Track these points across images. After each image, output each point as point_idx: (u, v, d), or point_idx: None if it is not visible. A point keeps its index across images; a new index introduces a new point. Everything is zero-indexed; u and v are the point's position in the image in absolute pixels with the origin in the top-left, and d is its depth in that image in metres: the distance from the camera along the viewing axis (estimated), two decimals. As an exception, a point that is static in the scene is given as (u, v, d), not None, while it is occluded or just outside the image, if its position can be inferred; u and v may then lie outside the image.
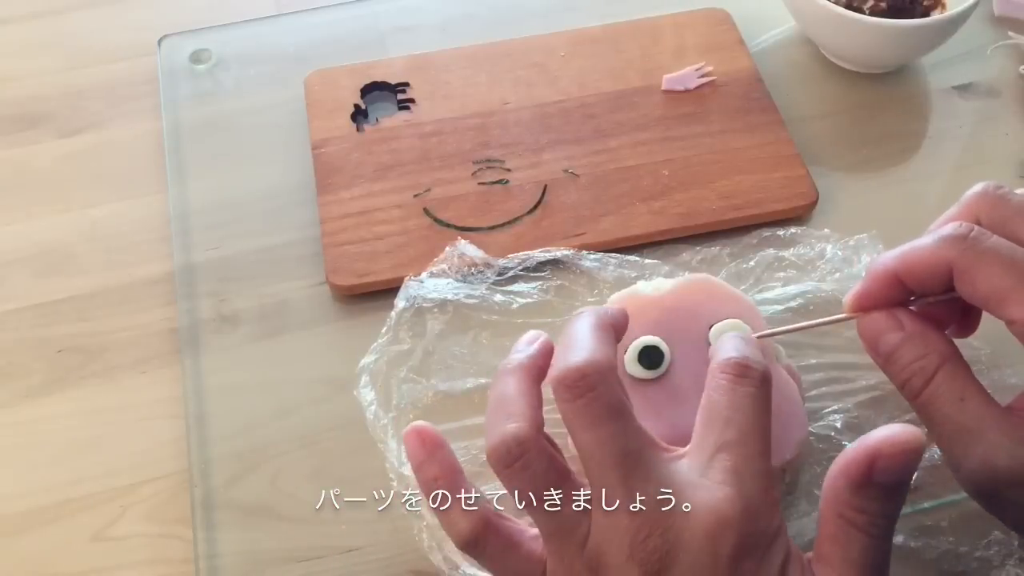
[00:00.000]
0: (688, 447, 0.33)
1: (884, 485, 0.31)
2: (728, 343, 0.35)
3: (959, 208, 0.37)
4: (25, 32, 0.64)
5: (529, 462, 0.32)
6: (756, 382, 0.33)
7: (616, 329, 0.36)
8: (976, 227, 0.35)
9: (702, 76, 0.58)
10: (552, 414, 0.34)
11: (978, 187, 0.37)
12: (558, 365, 0.33)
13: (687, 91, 0.58)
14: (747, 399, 0.33)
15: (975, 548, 0.41)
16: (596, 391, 0.32)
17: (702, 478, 0.31)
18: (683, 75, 0.58)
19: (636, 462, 0.31)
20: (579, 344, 0.34)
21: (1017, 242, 0.35)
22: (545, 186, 0.53)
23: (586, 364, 0.32)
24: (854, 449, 0.32)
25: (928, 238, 0.35)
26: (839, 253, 0.49)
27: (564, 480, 0.33)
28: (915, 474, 0.36)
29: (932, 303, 0.37)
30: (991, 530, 0.41)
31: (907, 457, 0.31)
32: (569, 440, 0.33)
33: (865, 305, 0.37)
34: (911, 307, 0.37)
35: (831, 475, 0.32)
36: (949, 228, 0.35)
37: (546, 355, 0.37)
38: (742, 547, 0.30)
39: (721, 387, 0.33)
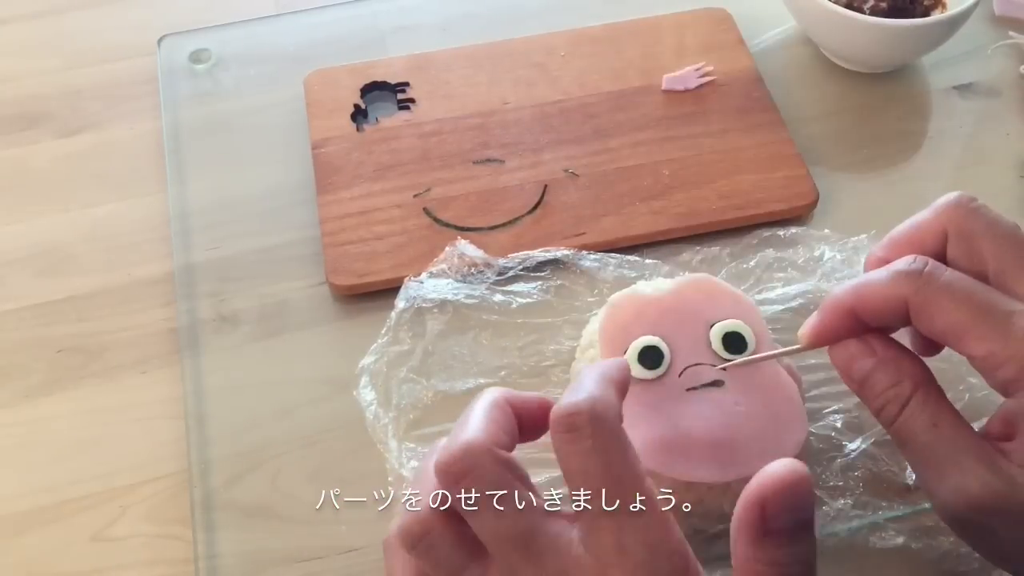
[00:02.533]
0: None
1: (783, 530, 0.29)
2: (570, 387, 0.33)
3: (930, 214, 0.37)
4: (25, 32, 0.64)
5: (432, 542, 0.31)
6: (588, 431, 0.30)
7: (515, 407, 0.34)
8: (930, 262, 0.34)
9: (702, 76, 0.58)
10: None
11: (952, 196, 0.37)
12: (441, 450, 0.32)
13: (687, 91, 0.58)
14: (588, 458, 0.30)
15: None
16: (470, 476, 0.31)
17: (589, 555, 0.30)
18: (683, 75, 0.58)
19: (533, 541, 0.30)
20: (460, 426, 0.33)
21: (979, 259, 0.35)
22: (545, 186, 0.53)
23: (458, 448, 0.31)
24: (742, 502, 0.30)
25: (882, 273, 0.35)
26: (839, 255, 0.49)
27: (476, 556, 0.31)
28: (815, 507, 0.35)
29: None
30: (991, 530, 0.41)
31: (793, 496, 0.29)
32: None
33: (822, 340, 0.37)
34: None
35: (732, 535, 0.30)
36: (903, 264, 0.35)
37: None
38: None
39: (560, 452, 0.31)
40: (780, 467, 0.30)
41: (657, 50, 0.60)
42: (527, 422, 0.34)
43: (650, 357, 0.41)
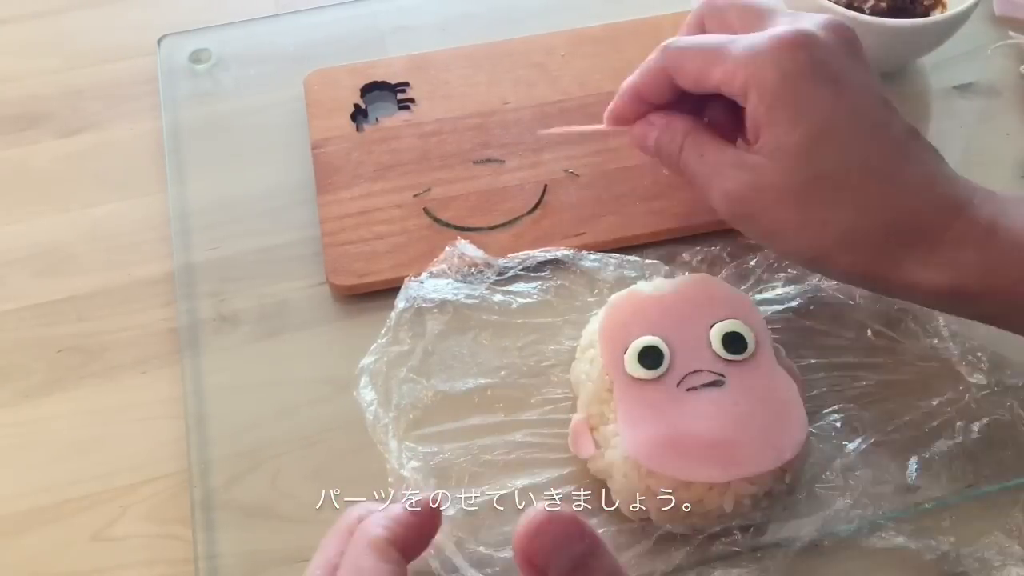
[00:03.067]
0: None
1: (564, 572, 0.30)
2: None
3: (688, 22, 0.47)
4: (25, 32, 0.64)
5: None
6: None
7: (399, 543, 0.35)
8: (677, 37, 0.44)
9: (702, 76, 0.58)
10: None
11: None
12: None
13: (687, 91, 0.58)
14: None
15: (976, 549, 0.41)
16: None
17: None
18: (683, 75, 0.58)
19: None
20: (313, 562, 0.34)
21: (728, 26, 0.44)
22: (545, 186, 0.53)
23: None
24: (519, 564, 0.30)
25: (649, 57, 0.44)
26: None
27: None
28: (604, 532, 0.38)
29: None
30: (992, 530, 0.41)
31: (549, 540, 0.30)
32: None
33: (619, 121, 0.46)
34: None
35: None
36: (660, 47, 0.44)
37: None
38: None
39: None
40: (523, 520, 0.30)
41: (656, 50, 0.60)
42: (411, 541, 0.35)
43: (650, 357, 0.41)
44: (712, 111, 0.45)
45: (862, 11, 0.55)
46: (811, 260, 0.42)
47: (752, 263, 0.49)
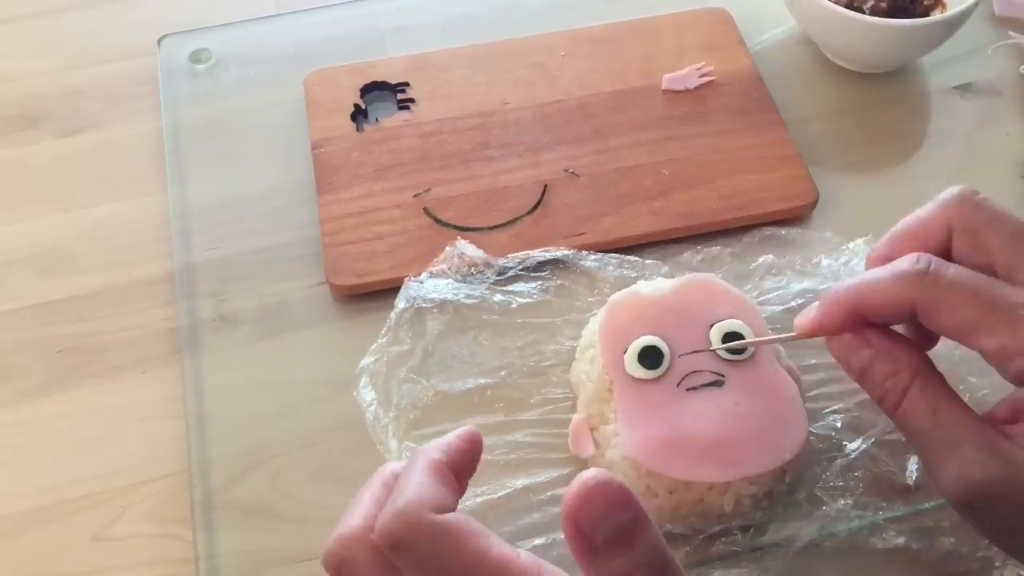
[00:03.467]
0: None
1: (609, 541, 0.29)
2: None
3: (933, 209, 0.37)
4: (25, 32, 0.64)
5: (355, 568, 0.31)
6: (408, 546, 0.29)
7: (451, 461, 0.33)
8: (933, 260, 0.34)
9: (702, 76, 0.58)
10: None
11: (955, 190, 0.37)
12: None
13: (687, 91, 0.58)
14: (420, 570, 0.29)
15: (976, 548, 0.41)
16: (347, 569, 0.30)
17: None
18: (683, 75, 0.58)
19: None
20: (350, 510, 0.32)
21: (985, 253, 0.35)
22: (545, 186, 0.53)
23: (336, 541, 0.31)
24: (564, 525, 0.29)
25: (886, 272, 0.35)
26: (839, 257, 0.49)
27: None
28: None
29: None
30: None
31: (598, 507, 0.29)
32: None
33: (819, 332, 0.37)
34: None
35: (574, 557, 0.30)
36: (907, 263, 0.35)
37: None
38: None
39: (402, 567, 0.30)
40: (573, 485, 0.29)
41: (657, 50, 0.60)
42: (463, 464, 0.34)
43: (650, 357, 0.41)
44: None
45: (862, 11, 0.55)
46: None
47: (753, 264, 0.49)
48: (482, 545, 0.29)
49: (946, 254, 0.36)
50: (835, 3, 0.55)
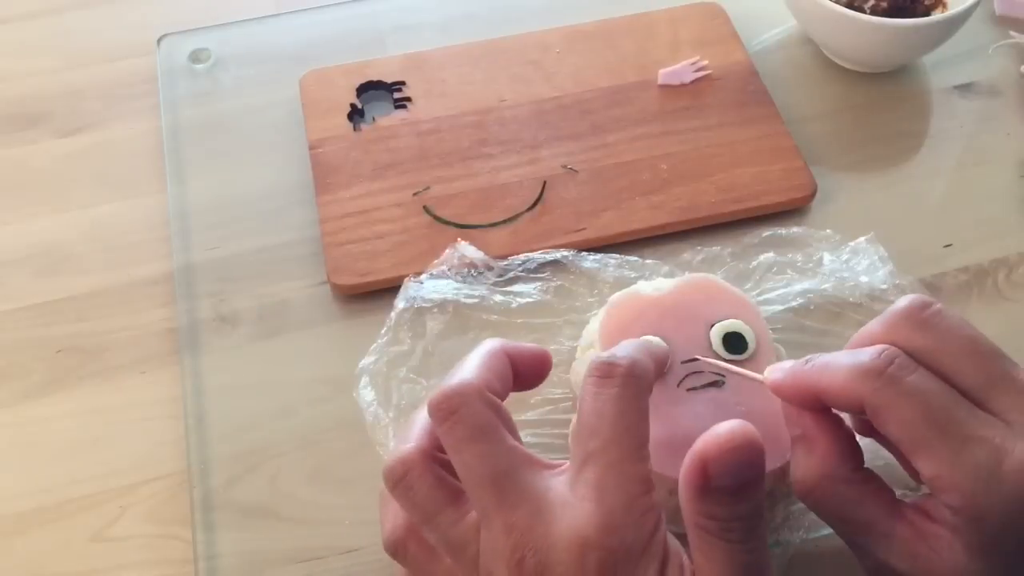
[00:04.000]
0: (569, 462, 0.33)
1: (726, 488, 0.30)
2: (616, 345, 0.34)
3: (881, 327, 0.34)
4: (24, 32, 0.64)
5: (411, 483, 0.33)
6: (619, 381, 0.32)
7: (512, 356, 0.36)
8: (898, 359, 0.32)
9: (698, 70, 0.58)
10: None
11: (902, 304, 0.34)
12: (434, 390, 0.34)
13: (683, 85, 0.58)
14: (609, 403, 0.32)
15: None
16: (458, 414, 0.32)
17: (571, 494, 0.31)
18: (679, 69, 0.58)
19: (509, 482, 0.31)
20: (456, 371, 0.34)
21: (939, 375, 0.32)
22: (544, 182, 0.53)
23: (450, 388, 0.33)
24: (689, 456, 0.31)
25: (845, 361, 0.33)
26: (840, 257, 0.49)
27: (452, 501, 0.33)
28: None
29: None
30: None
31: (735, 456, 0.30)
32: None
33: (779, 395, 0.36)
34: None
35: (680, 486, 0.31)
36: (867, 356, 0.33)
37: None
38: (606, 563, 0.30)
39: (585, 393, 0.33)
40: (724, 426, 0.30)
41: (651, 45, 0.60)
42: (524, 370, 0.36)
43: (650, 357, 0.41)
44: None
45: (862, 11, 0.55)
46: None
47: (753, 263, 0.49)
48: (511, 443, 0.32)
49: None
50: (835, 3, 0.55)
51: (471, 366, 0.34)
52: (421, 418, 0.35)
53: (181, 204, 0.54)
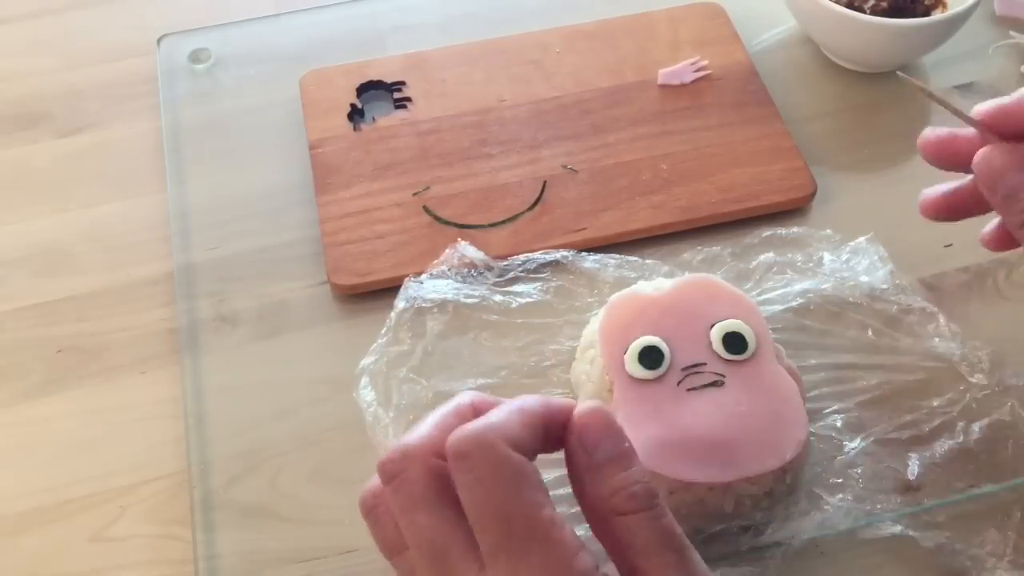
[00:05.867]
0: None
1: (610, 459, 0.31)
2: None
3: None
4: (24, 32, 0.64)
5: (406, 479, 0.31)
6: (473, 463, 0.29)
7: (473, 413, 0.33)
8: None
9: (698, 70, 0.58)
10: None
11: None
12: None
13: (683, 85, 0.58)
14: (472, 489, 0.29)
15: (969, 546, 0.41)
16: (398, 479, 0.31)
17: None
18: (679, 69, 0.58)
19: (438, 562, 0.30)
20: (414, 427, 0.32)
21: None
22: (544, 182, 0.53)
23: (395, 451, 0.31)
24: (567, 450, 0.31)
25: None
26: (840, 256, 0.49)
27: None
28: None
29: None
30: (987, 527, 0.41)
31: (602, 429, 0.31)
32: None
33: (1001, 122, 0.35)
34: None
35: (573, 488, 0.31)
36: None
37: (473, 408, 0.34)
38: None
39: (457, 482, 0.30)
40: (583, 407, 0.31)
41: (651, 45, 0.60)
42: (559, 428, 0.34)
43: (650, 357, 0.41)
44: None
45: (862, 11, 0.55)
46: None
47: (753, 263, 0.49)
48: (539, 499, 0.30)
49: None
50: (835, 3, 0.55)
51: (423, 428, 0.32)
52: (428, 421, 0.33)
53: (181, 204, 0.54)
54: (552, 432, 0.33)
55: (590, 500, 0.31)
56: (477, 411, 0.33)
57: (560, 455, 0.43)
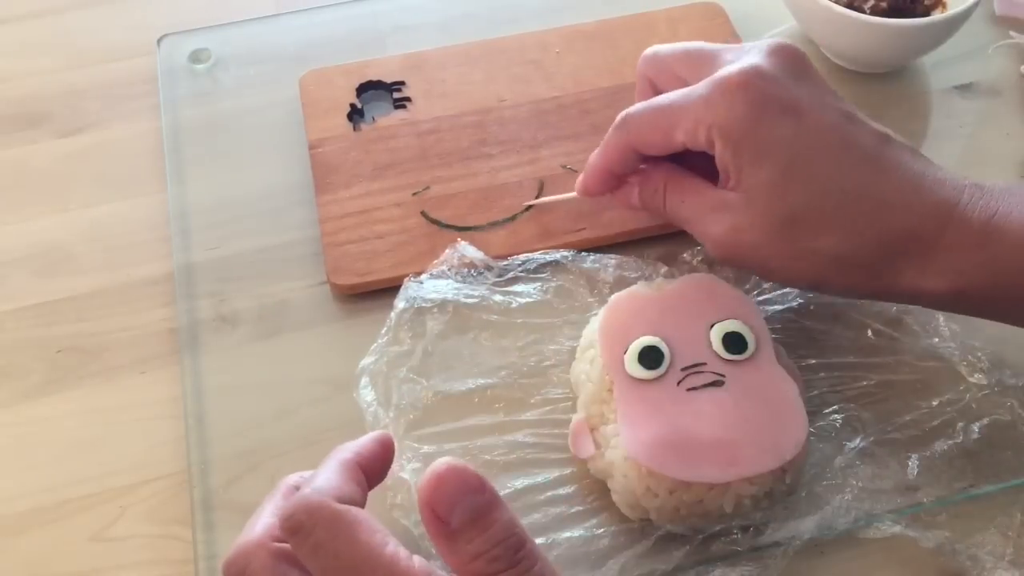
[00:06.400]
0: None
1: (465, 522, 0.30)
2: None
3: (638, 87, 0.48)
4: (24, 32, 0.64)
5: (252, 574, 0.32)
6: (309, 531, 0.30)
7: (360, 460, 0.36)
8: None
9: (699, 72, 0.58)
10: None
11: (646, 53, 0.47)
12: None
13: (683, 86, 0.58)
14: (316, 555, 0.30)
15: (969, 546, 0.41)
16: (248, 572, 0.32)
17: None
18: (680, 71, 0.58)
19: None
20: (251, 520, 0.34)
21: (679, 82, 0.44)
22: (543, 182, 0.53)
23: (234, 551, 0.32)
24: (422, 514, 0.31)
25: (608, 135, 0.45)
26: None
27: None
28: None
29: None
30: (987, 527, 0.41)
31: (453, 491, 0.30)
32: None
33: (594, 195, 0.47)
34: None
35: (436, 548, 0.31)
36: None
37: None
38: None
39: (301, 556, 0.31)
40: (427, 472, 0.30)
41: (651, 45, 0.60)
42: (374, 467, 0.36)
43: (650, 357, 0.41)
44: (691, 161, 0.44)
45: (862, 11, 0.55)
46: (810, 287, 0.44)
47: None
48: (378, 540, 0.30)
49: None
50: (835, 3, 0.55)
51: (262, 515, 0.34)
52: (265, 509, 0.35)
53: (181, 204, 0.54)
54: (372, 471, 0.35)
55: (453, 566, 0.31)
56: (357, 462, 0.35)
57: (561, 455, 0.43)
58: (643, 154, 0.44)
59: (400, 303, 0.47)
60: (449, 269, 0.49)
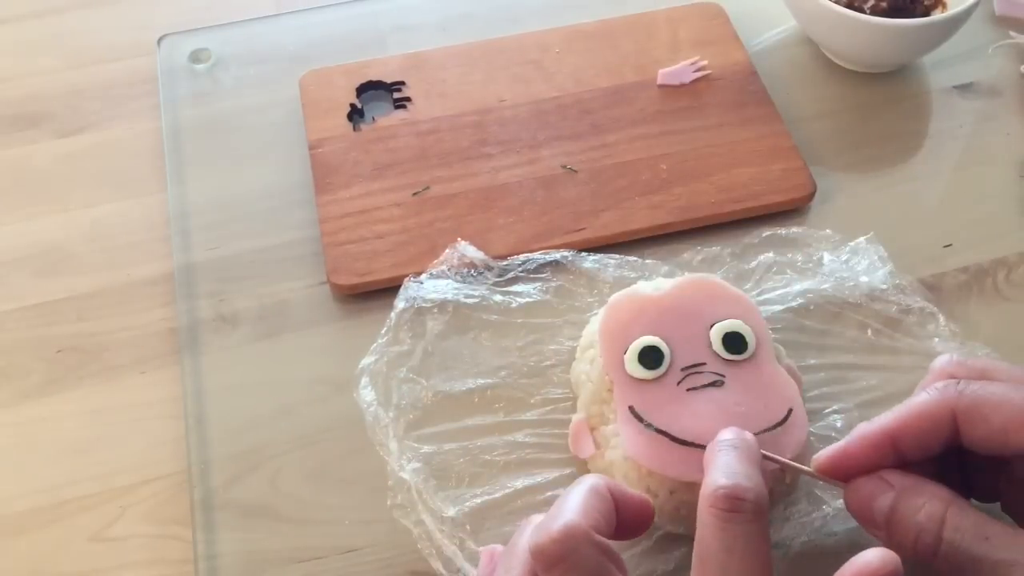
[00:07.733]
0: None
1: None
2: (719, 461, 0.33)
3: (931, 375, 0.36)
4: (24, 32, 0.64)
5: (577, 562, 0.30)
6: (749, 516, 0.31)
7: (615, 498, 0.34)
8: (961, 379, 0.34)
9: (697, 70, 0.58)
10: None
11: (943, 357, 0.37)
12: (537, 530, 0.31)
13: (683, 85, 0.58)
14: (740, 539, 0.30)
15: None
16: (568, 561, 0.30)
17: None
18: (678, 69, 0.58)
19: None
20: (561, 509, 0.32)
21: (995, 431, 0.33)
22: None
23: (560, 532, 0.30)
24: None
25: (919, 395, 0.34)
26: (839, 257, 0.49)
27: None
28: None
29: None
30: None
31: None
32: None
33: (839, 471, 0.35)
34: None
35: None
36: (938, 383, 0.34)
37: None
38: None
39: (711, 525, 0.31)
40: (874, 556, 0.30)
41: (651, 45, 0.60)
42: (628, 517, 0.34)
43: (650, 357, 0.41)
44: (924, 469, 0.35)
45: (862, 11, 0.55)
46: None
47: (752, 263, 0.49)
48: None
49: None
50: (835, 3, 0.55)
51: (575, 504, 0.32)
52: (522, 549, 0.32)
53: (181, 204, 0.54)
54: (623, 516, 0.34)
55: None
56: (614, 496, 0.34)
57: (561, 455, 0.43)
58: (948, 440, 0.34)
59: (400, 303, 0.47)
60: (449, 269, 0.49)
